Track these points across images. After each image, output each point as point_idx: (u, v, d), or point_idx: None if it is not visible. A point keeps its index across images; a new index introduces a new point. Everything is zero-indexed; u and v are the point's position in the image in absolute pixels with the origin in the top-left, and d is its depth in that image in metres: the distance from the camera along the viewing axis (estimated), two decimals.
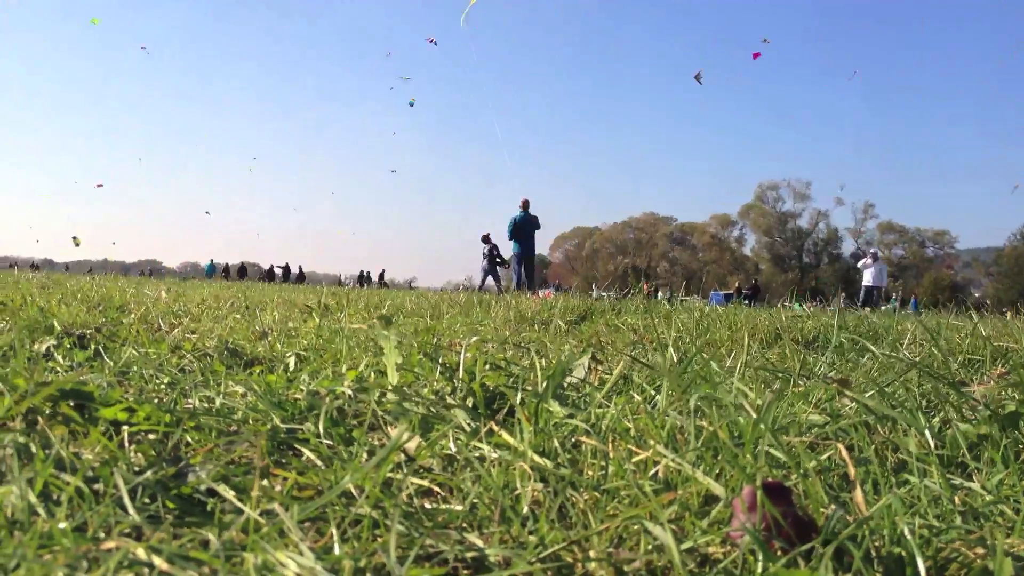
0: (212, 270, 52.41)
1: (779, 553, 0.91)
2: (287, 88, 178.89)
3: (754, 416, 1.28)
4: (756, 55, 34.15)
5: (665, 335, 3.60)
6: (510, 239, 18.37)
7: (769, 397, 1.37)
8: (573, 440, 1.44)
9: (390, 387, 1.74)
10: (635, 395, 1.76)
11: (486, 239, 21.58)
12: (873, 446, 1.45)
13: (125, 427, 1.34)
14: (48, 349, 2.31)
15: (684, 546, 0.96)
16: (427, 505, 1.14)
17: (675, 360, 2.28)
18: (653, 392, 1.80)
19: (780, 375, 2.16)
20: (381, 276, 54.61)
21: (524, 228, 18.23)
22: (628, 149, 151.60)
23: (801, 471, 1.17)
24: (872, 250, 21.97)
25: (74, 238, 36.61)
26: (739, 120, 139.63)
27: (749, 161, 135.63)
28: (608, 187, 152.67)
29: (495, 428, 1.40)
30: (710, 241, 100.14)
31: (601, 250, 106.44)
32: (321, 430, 1.40)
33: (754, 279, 50.70)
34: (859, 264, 21.59)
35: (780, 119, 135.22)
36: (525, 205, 18.32)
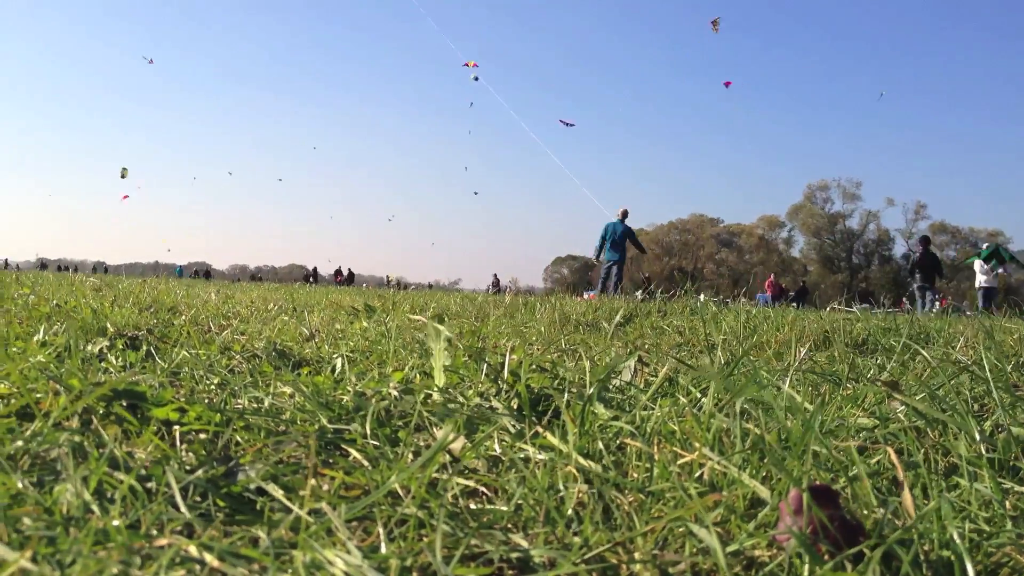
0: (181, 272, 60.03)
1: (826, 557, 0.90)
2: (343, 93, 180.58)
3: (802, 419, 1.27)
4: (727, 83, 33.97)
5: (712, 337, 3.58)
6: (604, 245, 18.50)
7: (817, 400, 1.35)
8: (618, 442, 1.44)
9: (436, 388, 1.75)
10: (681, 397, 1.76)
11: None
12: (923, 450, 1.43)
13: (177, 427, 1.37)
14: (101, 350, 2.36)
15: (729, 549, 0.96)
16: (472, 505, 1.14)
17: (722, 362, 2.27)
18: (699, 395, 1.79)
19: (829, 378, 2.14)
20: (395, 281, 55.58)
21: (620, 237, 18.39)
22: (675, 150, 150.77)
23: (849, 474, 1.16)
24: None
25: (123, 169, 36.79)
26: (789, 119, 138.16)
27: (798, 161, 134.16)
28: (654, 188, 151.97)
29: (540, 430, 1.40)
30: (758, 242, 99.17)
31: (647, 251, 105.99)
32: (368, 431, 1.41)
33: (802, 280, 50.00)
34: (976, 267, 19.84)
35: (830, 117, 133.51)
36: (624, 215, 18.52)
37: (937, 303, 17.97)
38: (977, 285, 19.44)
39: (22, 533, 0.85)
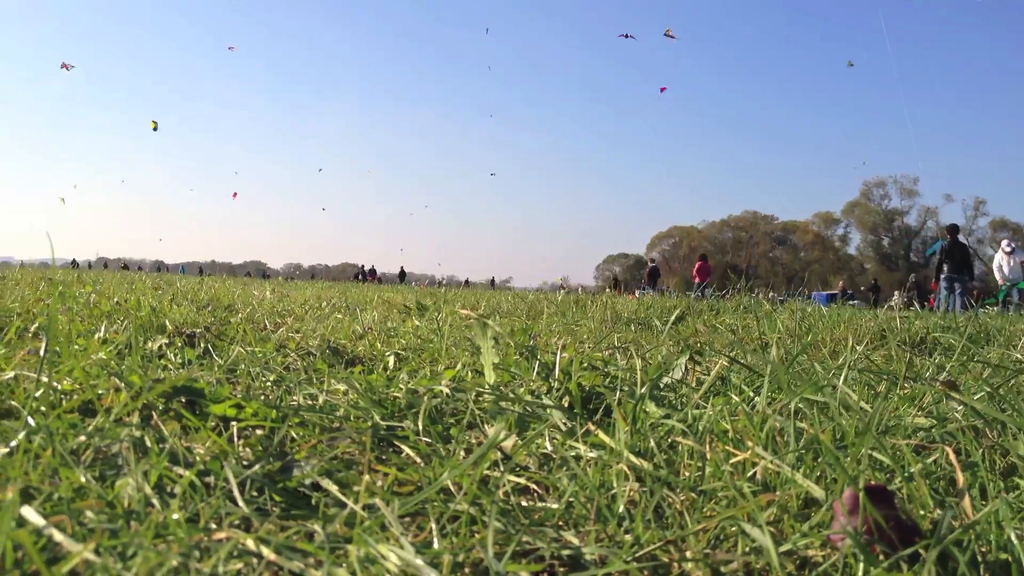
0: (183, 270, 61.37)
1: (881, 557, 0.89)
2: (387, 93, 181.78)
3: (857, 418, 1.26)
4: (663, 89, 32.98)
5: (765, 335, 3.55)
6: (941, 261, 18.37)
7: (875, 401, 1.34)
8: (670, 441, 1.44)
9: (487, 386, 1.75)
10: (733, 396, 1.74)
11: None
12: (981, 450, 1.40)
13: (234, 423, 1.39)
14: (161, 348, 2.40)
15: (783, 548, 0.95)
16: (523, 503, 1.15)
17: (776, 361, 2.25)
18: (752, 393, 1.77)
19: (885, 377, 2.11)
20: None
21: (954, 253, 18.24)
22: (728, 147, 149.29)
23: (905, 475, 1.14)
24: (1008, 244, 19.30)
25: (152, 123, 37.17)
26: (844, 115, 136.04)
27: (854, 157, 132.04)
28: (707, 186, 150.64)
29: (591, 428, 1.40)
30: (813, 240, 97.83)
31: (699, 249, 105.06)
32: (420, 428, 1.42)
33: (873, 279, 48.97)
34: (995, 263, 19.16)
35: (887, 113, 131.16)
36: (954, 231, 18.44)
37: (960, 296, 17.29)
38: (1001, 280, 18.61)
39: (85, 526, 0.87)
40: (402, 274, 55.28)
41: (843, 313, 5.34)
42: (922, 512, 1.05)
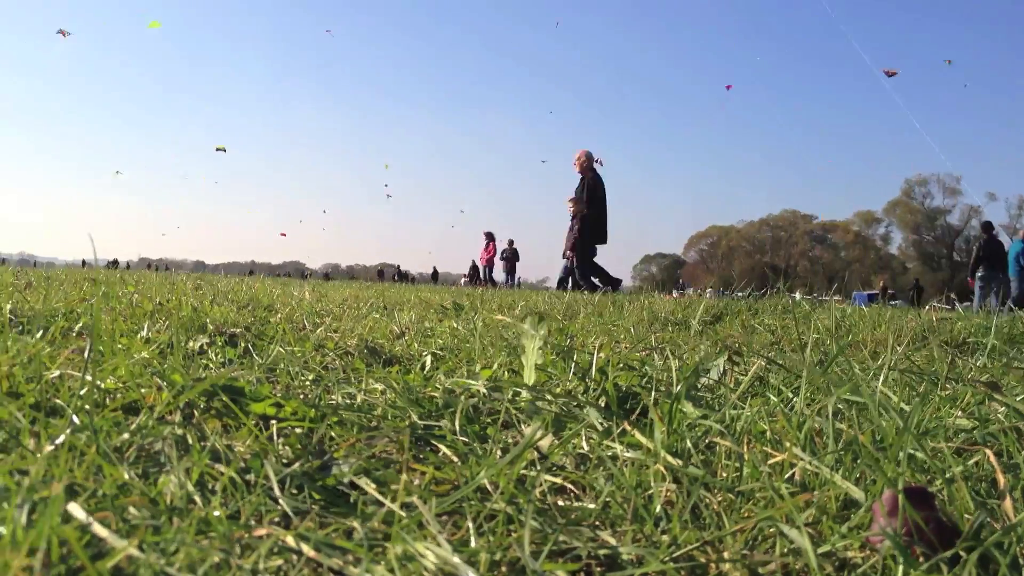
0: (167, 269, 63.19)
1: (920, 559, 0.88)
2: (422, 90, 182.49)
3: (897, 419, 1.24)
4: (729, 87, 31.45)
5: (804, 336, 3.51)
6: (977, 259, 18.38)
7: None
8: (707, 441, 1.43)
9: (524, 386, 1.76)
10: (771, 397, 1.73)
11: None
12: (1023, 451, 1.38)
13: (273, 421, 1.41)
14: (202, 346, 2.43)
15: (821, 550, 0.94)
16: (560, 502, 1.15)
17: (814, 361, 2.23)
18: (790, 394, 1.76)
19: (926, 378, 2.08)
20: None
21: (990, 251, 18.38)
22: (767, 145, 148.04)
23: (946, 476, 1.13)
24: None
25: (221, 147, 37.41)
26: (885, 113, 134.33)
27: (896, 155, 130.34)
28: (745, 185, 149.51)
29: (628, 428, 1.40)
30: (853, 239, 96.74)
31: (738, 249, 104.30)
32: (457, 427, 1.43)
33: (915, 279, 48.25)
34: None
35: (928, 111, 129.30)
36: (988, 228, 18.96)
37: (996, 295, 16.85)
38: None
39: (129, 522, 0.88)
40: (435, 274, 55.27)
41: (884, 313, 5.28)
42: (965, 515, 1.04)
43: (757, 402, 1.64)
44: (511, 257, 29.05)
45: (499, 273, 29.02)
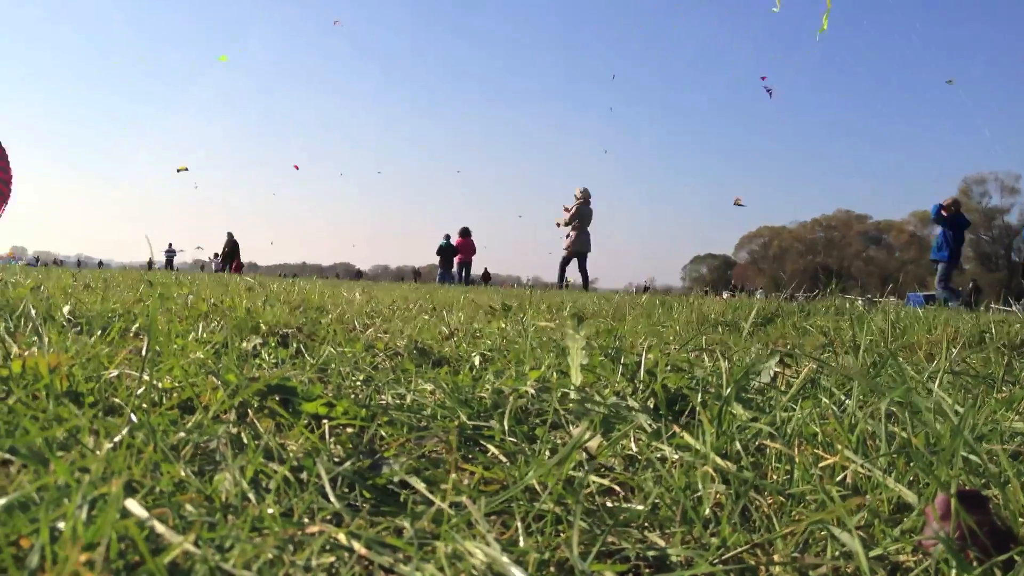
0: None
1: (974, 563, 0.87)
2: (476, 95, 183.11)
3: (951, 422, 1.23)
4: (769, 89, 29.22)
5: (858, 338, 3.46)
6: None
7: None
8: (757, 443, 1.42)
9: (572, 387, 1.76)
10: (823, 399, 1.71)
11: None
12: None
13: (325, 421, 1.43)
14: (255, 347, 2.47)
15: (873, 553, 0.94)
16: (608, 503, 1.15)
17: (867, 363, 2.20)
18: (843, 397, 1.74)
19: (982, 380, 2.04)
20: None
21: None
22: (819, 145, 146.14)
23: (1000, 480, 1.11)
24: None
25: (181, 168, 36.22)
26: (941, 110, 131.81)
27: (952, 154, 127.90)
28: (797, 184, 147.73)
29: (677, 429, 1.39)
30: (908, 239, 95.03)
31: (790, 249, 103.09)
32: (505, 427, 1.44)
33: (972, 279, 47.10)
34: None
35: (987, 108, 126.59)
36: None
37: None
38: None
39: (185, 519, 0.90)
40: (486, 275, 55.14)
41: (940, 314, 5.18)
42: (1021, 519, 1.02)
43: (808, 404, 1.62)
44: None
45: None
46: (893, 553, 0.96)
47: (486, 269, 56.41)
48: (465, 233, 27.24)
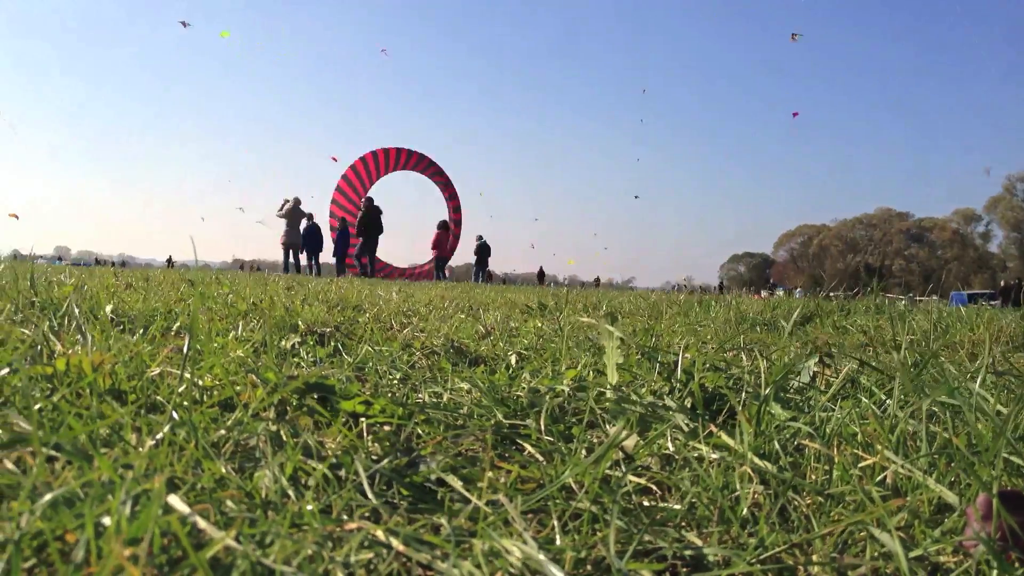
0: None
1: (1016, 564, 0.86)
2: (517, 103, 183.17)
3: (993, 422, 1.21)
4: (795, 114, 30.27)
5: (898, 337, 3.42)
6: None
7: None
8: (795, 443, 1.41)
9: (608, 386, 1.76)
10: (863, 399, 1.69)
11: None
12: None
13: (363, 419, 1.44)
14: (294, 346, 2.49)
15: (913, 554, 0.93)
16: (645, 503, 1.15)
17: (908, 363, 2.17)
18: (883, 396, 1.72)
19: None
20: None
21: None
22: (859, 142, 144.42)
23: None
24: None
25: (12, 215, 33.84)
26: (986, 107, 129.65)
27: (996, 152, 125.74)
28: (837, 182, 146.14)
29: (714, 429, 1.39)
30: (951, 237, 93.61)
31: (830, 248, 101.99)
32: (542, 426, 1.44)
33: (1017, 278, 46.09)
34: None
35: None
36: None
37: None
38: None
39: (226, 514, 0.91)
40: (541, 274, 54.30)
41: (982, 313, 5.11)
42: None
43: (848, 404, 1.61)
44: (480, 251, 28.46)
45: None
46: (933, 554, 0.95)
47: (541, 268, 55.56)
48: (442, 227, 26.89)
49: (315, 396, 1.48)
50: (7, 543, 0.73)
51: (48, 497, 0.81)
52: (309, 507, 0.93)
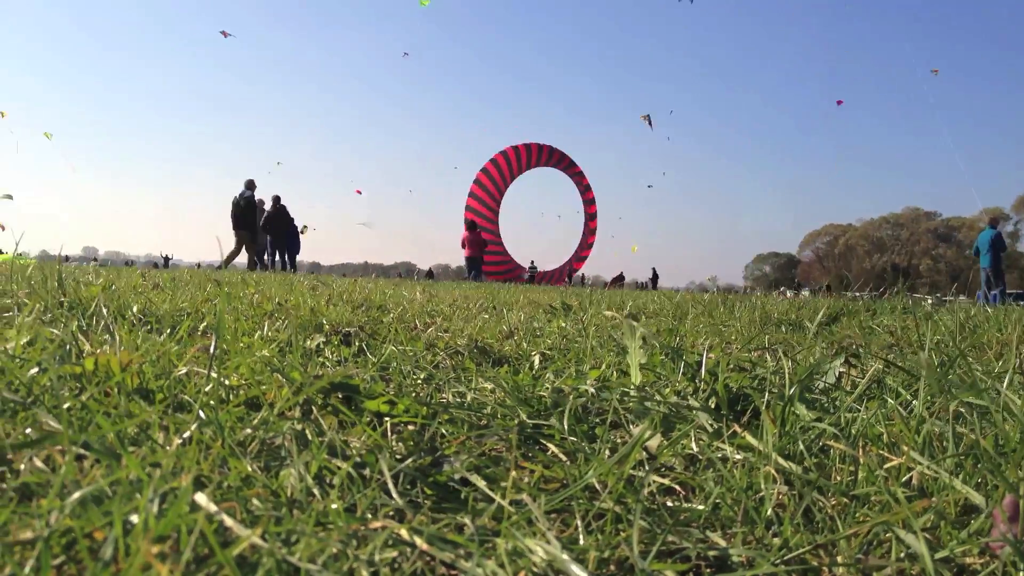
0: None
1: None
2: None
3: (1020, 423, 1.20)
4: (839, 102, 30.58)
5: (925, 337, 3.39)
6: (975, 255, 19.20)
7: None
8: (820, 444, 1.40)
9: (632, 386, 1.75)
10: (889, 400, 1.68)
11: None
12: None
13: (387, 418, 1.44)
14: (318, 345, 2.50)
15: (938, 555, 0.92)
16: (668, 503, 1.15)
17: (935, 363, 2.16)
18: (909, 397, 1.71)
19: None
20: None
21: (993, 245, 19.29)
22: (886, 140, 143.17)
23: None
24: None
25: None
26: (1014, 107, 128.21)
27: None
28: (863, 181, 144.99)
29: (738, 429, 1.38)
30: None
31: (856, 248, 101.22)
32: (565, 426, 1.44)
33: None
34: None
35: None
36: (994, 223, 19.84)
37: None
38: None
39: (252, 513, 0.92)
40: (580, 276, 53.35)
41: (1010, 313, 5.05)
42: None
43: (874, 405, 1.59)
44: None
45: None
46: (959, 555, 0.94)
47: (581, 271, 54.73)
48: (470, 227, 27.11)
49: (340, 396, 1.49)
50: (37, 540, 0.74)
51: (77, 495, 0.82)
52: (334, 506, 0.94)
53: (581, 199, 31.98)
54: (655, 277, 49.95)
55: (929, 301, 6.72)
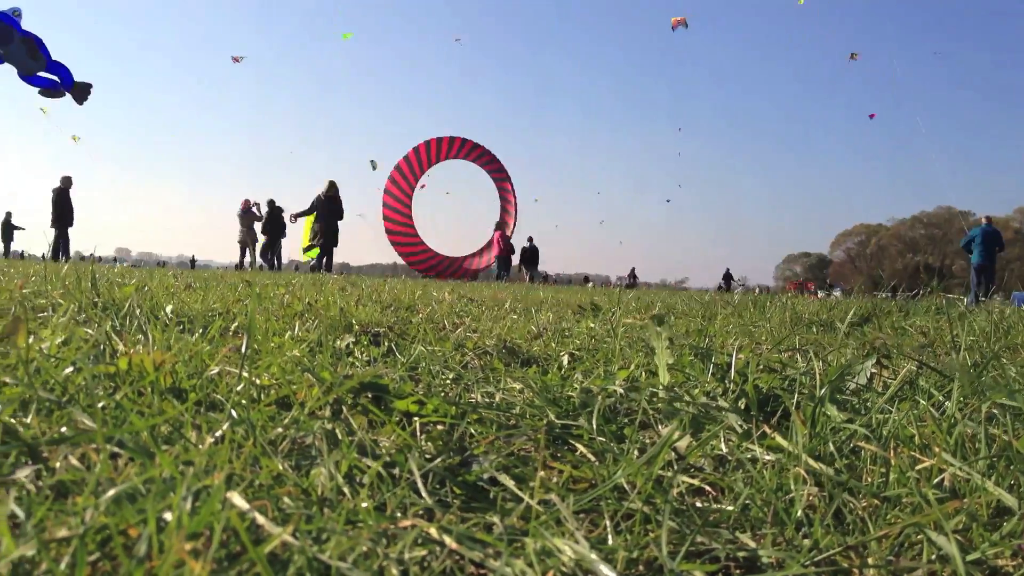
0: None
1: None
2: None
3: None
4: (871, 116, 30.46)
5: (958, 338, 3.35)
6: (968, 250, 19.38)
7: None
8: (851, 445, 1.39)
9: (661, 387, 1.75)
10: (921, 401, 1.67)
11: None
12: None
13: (416, 418, 1.45)
14: (348, 345, 2.51)
15: (970, 557, 0.91)
16: (698, 504, 1.14)
17: (968, 364, 2.13)
18: (942, 398, 1.69)
19: None
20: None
21: (985, 241, 18.92)
22: (918, 140, 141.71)
23: None
24: None
25: (372, 162, 34.91)
26: None
27: None
28: (896, 180, 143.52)
29: (768, 430, 1.38)
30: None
31: (888, 248, 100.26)
32: (594, 426, 1.44)
33: None
34: None
35: None
36: (988, 220, 19.48)
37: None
38: None
39: (283, 511, 0.93)
40: (632, 275, 53.03)
41: None
42: None
43: (906, 406, 1.58)
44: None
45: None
46: (991, 557, 0.93)
47: (632, 269, 54.53)
48: (498, 227, 27.48)
49: (369, 395, 1.50)
50: (73, 537, 0.75)
51: (111, 493, 0.83)
52: (364, 504, 0.95)
53: (491, 178, 31.50)
54: (633, 276, 50.75)
55: (963, 301, 6.64)
